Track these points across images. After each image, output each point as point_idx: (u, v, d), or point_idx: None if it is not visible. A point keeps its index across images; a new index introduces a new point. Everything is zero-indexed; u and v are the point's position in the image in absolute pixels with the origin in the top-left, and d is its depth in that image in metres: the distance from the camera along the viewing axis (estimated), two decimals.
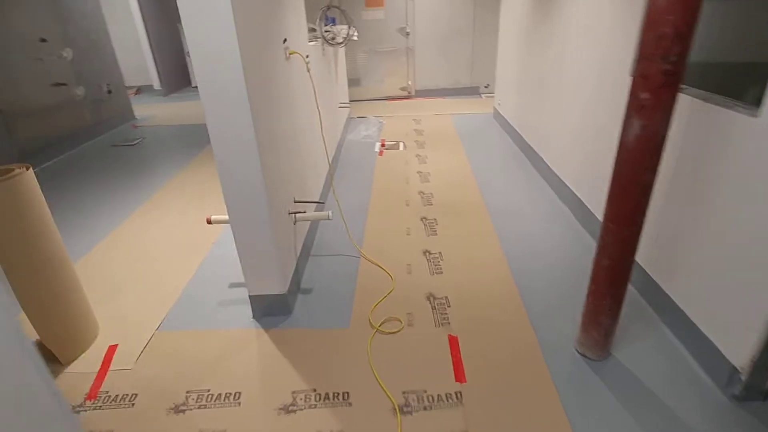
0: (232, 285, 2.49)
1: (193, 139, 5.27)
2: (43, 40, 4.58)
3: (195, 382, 1.87)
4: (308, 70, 2.66)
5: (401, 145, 4.64)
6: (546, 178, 3.60)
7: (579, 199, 2.95)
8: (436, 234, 2.93)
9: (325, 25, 3.73)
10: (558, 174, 3.33)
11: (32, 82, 4.46)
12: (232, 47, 1.60)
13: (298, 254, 2.44)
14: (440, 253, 2.71)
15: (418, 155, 4.35)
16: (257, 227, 1.97)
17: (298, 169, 2.52)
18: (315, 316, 2.22)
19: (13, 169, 1.82)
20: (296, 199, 2.43)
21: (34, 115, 4.47)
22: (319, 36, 3.54)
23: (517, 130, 4.35)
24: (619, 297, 1.74)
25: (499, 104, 5.11)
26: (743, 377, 1.60)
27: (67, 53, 4.87)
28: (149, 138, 5.44)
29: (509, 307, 2.21)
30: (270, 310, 2.21)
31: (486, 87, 6.52)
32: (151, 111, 6.85)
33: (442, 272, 2.53)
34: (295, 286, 2.35)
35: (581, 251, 2.65)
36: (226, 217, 2.02)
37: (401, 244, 2.82)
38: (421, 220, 3.12)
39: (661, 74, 1.35)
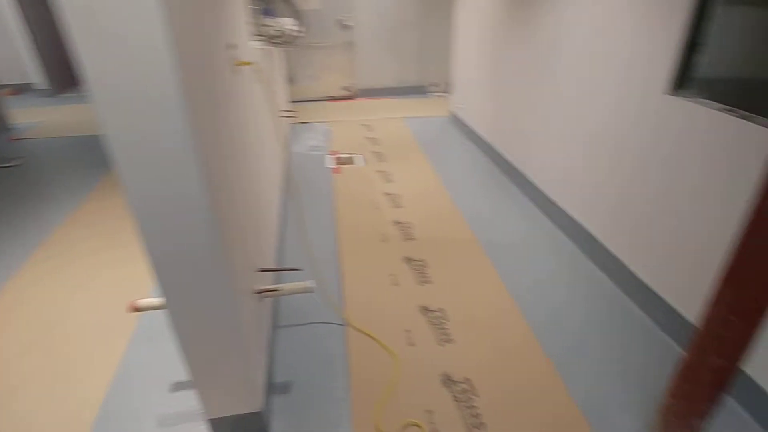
0: (176, 387, 1.79)
1: (96, 156, 4.25)
2: None
3: None
4: (260, 83, 1.99)
5: (359, 158, 4.03)
6: (535, 200, 3.16)
7: (586, 231, 2.56)
8: (431, 282, 2.41)
9: (264, 19, 3.01)
10: (555, 201, 2.89)
11: None
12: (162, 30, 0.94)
13: (268, 341, 1.80)
14: (442, 310, 2.20)
15: (380, 171, 3.77)
16: (214, 321, 1.31)
17: (253, 222, 1.86)
18: None
19: None
20: (261, 268, 1.78)
21: None
22: (263, 34, 2.83)
23: (490, 143, 3.87)
24: (720, 399, 1.35)
25: (460, 108, 4.65)
26: None
27: None
28: (36, 155, 4.32)
29: (545, 386, 1.76)
30: None
31: (434, 86, 6.05)
32: (35, 117, 5.54)
33: (451, 339, 2.02)
34: (267, 383, 1.72)
35: (598, 298, 2.27)
36: (162, 300, 1.36)
37: (390, 300, 2.27)
38: (406, 261, 2.58)
39: None
